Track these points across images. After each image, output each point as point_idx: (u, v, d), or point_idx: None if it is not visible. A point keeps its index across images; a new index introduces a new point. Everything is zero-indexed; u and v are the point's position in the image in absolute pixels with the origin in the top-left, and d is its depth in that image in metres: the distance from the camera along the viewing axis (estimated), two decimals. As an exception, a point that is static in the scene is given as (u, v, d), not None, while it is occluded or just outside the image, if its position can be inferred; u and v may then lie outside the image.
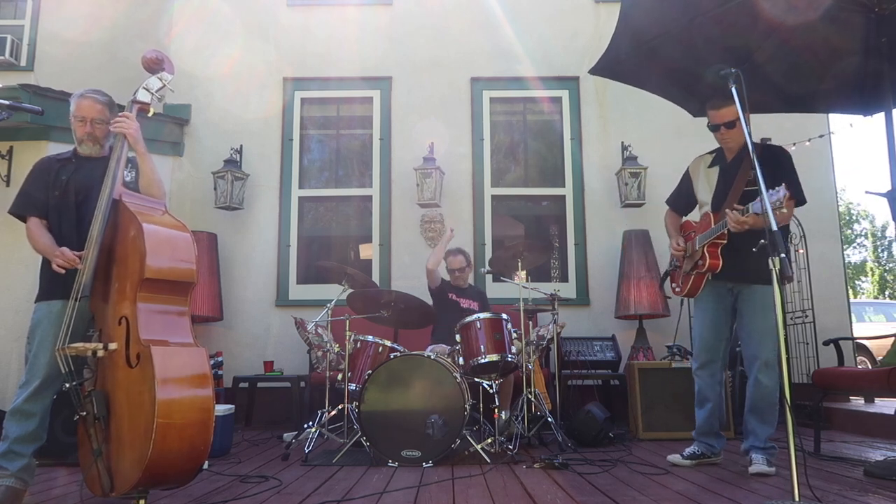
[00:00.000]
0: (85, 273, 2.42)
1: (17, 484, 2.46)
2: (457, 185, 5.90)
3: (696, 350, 3.34)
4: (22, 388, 2.52)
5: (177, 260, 2.40)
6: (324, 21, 6.24)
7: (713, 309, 3.26)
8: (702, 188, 3.34)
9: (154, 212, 2.51)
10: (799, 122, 5.76)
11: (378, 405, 3.46)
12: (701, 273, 3.20)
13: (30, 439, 2.51)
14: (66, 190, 2.67)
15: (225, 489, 2.79)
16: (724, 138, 3.25)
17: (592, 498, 2.54)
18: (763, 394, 3.06)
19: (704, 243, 3.15)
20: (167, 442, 2.10)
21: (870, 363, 8.31)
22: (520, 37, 6.14)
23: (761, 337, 3.08)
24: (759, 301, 3.10)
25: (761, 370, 3.05)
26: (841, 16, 3.25)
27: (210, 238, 5.52)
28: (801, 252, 5.41)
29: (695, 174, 3.42)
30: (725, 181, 3.22)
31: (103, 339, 2.39)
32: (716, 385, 3.28)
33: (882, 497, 2.48)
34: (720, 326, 3.26)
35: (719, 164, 3.31)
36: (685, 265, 3.32)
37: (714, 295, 3.25)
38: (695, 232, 3.30)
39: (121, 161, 2.57)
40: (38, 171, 2.74)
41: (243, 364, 5.54)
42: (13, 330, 4.66)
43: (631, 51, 3.38)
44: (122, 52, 6.72)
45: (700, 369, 3.30)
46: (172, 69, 2.78)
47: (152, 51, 2.76)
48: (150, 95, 2.73)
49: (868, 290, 24.64)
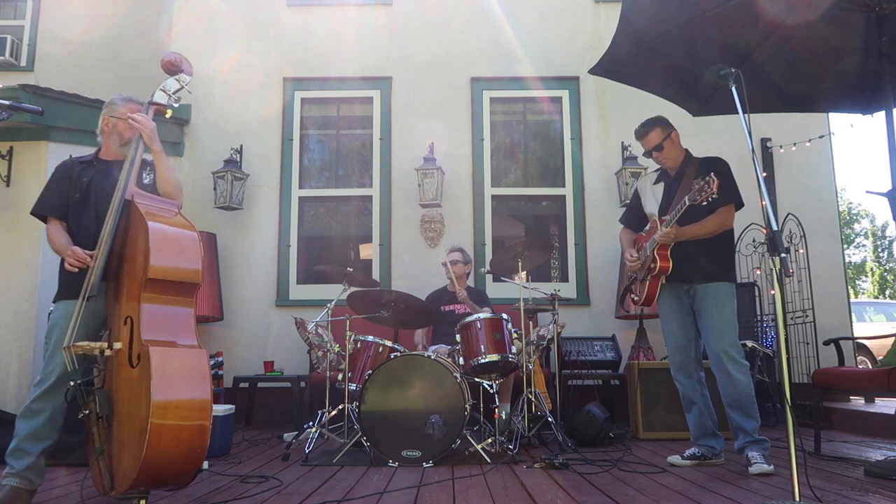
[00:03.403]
0: (94, 273, 2.45)
1: (21, 484, 2.45)
2: (457, 185, 5.90)
3: (670, 353, 3.42)
4: (36, 386, 2.55)
5: (181, 260, 2.40)
6: (324, 21, 6.24)
7: (676, 310, 3.36)
8: (649, 202, 3.48)
9: (165, 212, 2.51)
10: (799, 123, 5.77)
11: (378, 405, 3.46)
12: (655, 276, 3.31)
13: (38, 437, 2.50)
14: (87, 192, 2.71)
15: (225, 489, 2.79)
16: (658, 160, 3.46)
17: (592, 498, 2.54)
18: (739, 388, 3.11)
19: (653, 247, 3.26)
20: (162, 443, 2.09)
21: (870, 363, 8.31)
22: (520, 37, 6.14)
23: (720, 332, 3.16)
24: (712, 297, 3.21)
25: (729, 364, 3.12)
26: (841, 15, 3.24)
27: (210, 238, 5.51)
28: (801, 252, 5.41)
29: (642, 191, 3.58)
30: (670, 192, 3.38)
31: (112, 338, 2.40)
32: (696, 385, 3.34)
33: (882, 497, 2.48)
34: (686, 327, 3.35)
35: (663, 179, 3.48)
36: (640, 273, 3.44)
37: (674, 297, 3.36)
38: (646, 241, 3.41)
39: (135, 162, 2.60)
40: (60, 173, 2.79)
41: (243, 364, 5.54)
42: (13, 330, 4.65)
43: (631, 50, 3.39)
44: (122, 52, 6.73)
45: (678, 372, 3.38)
46: (191, 70, 2.82)
47: (171, 53, 2.79)
48: (167, 97, 2.76)
49: (868, 290, 24.64)
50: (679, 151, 3.41)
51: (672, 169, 3.43)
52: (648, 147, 3.41)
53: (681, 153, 3.42)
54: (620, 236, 3.72)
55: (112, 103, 2.80)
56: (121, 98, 2.81)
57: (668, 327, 3.41)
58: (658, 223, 3.28)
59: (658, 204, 3.41)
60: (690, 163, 3.38)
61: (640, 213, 3.58)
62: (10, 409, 4.33)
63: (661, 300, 3.39)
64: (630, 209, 3.71)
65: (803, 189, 5.85)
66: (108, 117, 2.79)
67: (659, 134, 3.37)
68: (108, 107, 2.80)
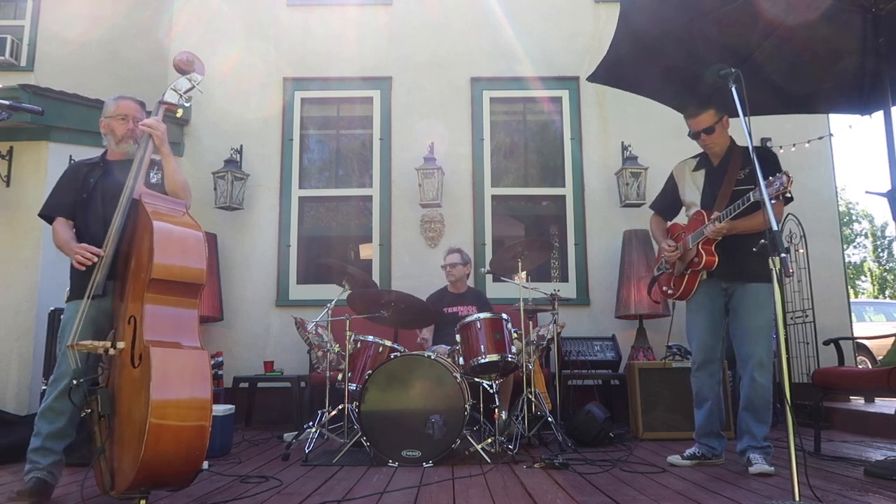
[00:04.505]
0: (99, 272, 2.48)
1: (47, 477, 2.54)
2: (457, 185, 5.90)
3: (695, 351, 3.31)
4: (51, 385, 2.59)
5: (185, 261, 2.39)
6: (324, 21, 6.24)
7: (708, 309, 3.24)
8: (689, 190, 3.35)
9: (172, 212, 2.51)
10: (799, 123, 5.77)
11: (378, 405, 3.46)
12: (696, 272, 3.20)
13: (60, 436, 2.59)
14: (94, 193, 2.75)
15: (225, 489, 2.79)
16: (705, 144, 3.28)
17: (592, 498, 2.54)
18: (759, 393, 3.04)
19: (698, 241, 3.14)
20: (161, 443, 2.09)
21: (870, 363, 8.31)
22: (520, 37, 6.14)
23: (756, 336, 3.07)
24: (753, 300, 3.09)
25: (756, 369, 3.04)
26: (841, 15, 3.24)
27: (210, 238, 5.52)
28: (802, 252, 5.42)
29: (680, 178, 3.42)
30: (712, 183, 3.24)
31: (116, 337, 2.41)
32: (714, 385, 3.26)
33: (882, 497, 2.48)
34: (716, 326, 3.24)
35: (705, 167, 3.32)
36: (677, 267, 3.31)
37: (708, 295, 3.24)
38: (685, 232, 3.28)
39: (143, 162, 2.62)
40: (67, 175, 2.85)
41: (243, 364, 5.54)
42: (13, 330, 4.65)
43: (631, 51, 3.38)
44: (122, 52, 6.73)
45: (699, 370, 3.28)
46: (203, 70, 2.83)
47: (184, 52, 2.80)
48: (178, 96, 2.78)
49: (868, 291, 24.64)
50: (727, 138, 3.25)
51: (716, 156, 3.27)
52: (698, 128, 3.22)
53: (727, 140, 3.25)
54: (651, 224, 3.57)
55: (105, 105, 2.87)
56: (113, 98, 2.87)
57: (696, 325, 3.28)
58: (706, 215, 3.14)
59: (700, 192, 3.26)
60: (735, 151, 3.23)
61: (675, 201, 3.45)
62: (9, 409, 4.33)
63: (694, 297, 3.26)
64: (664, 196, 3.53)
65: (803, 189, 5.83)
66: (103, 119, 2.86)
67: (712, 116, 3.18)
68: (103, 109, 2.88)
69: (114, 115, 2.82)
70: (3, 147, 4.84)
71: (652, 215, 3.59)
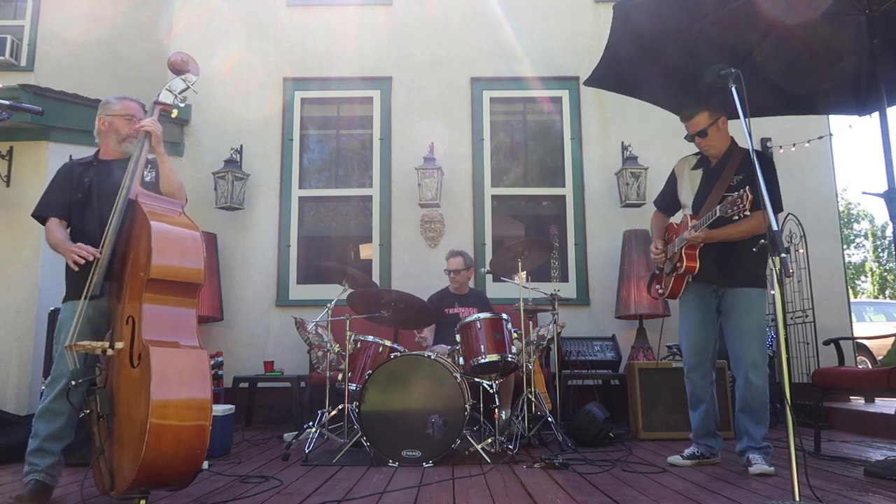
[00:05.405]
0: (97, 273, 2.47)
1: (46, 479, 2.54)
2: (457, 185, 5.90)
3: (686, 353, 3.32)
4: (49, 386, 2.58)
5: (183, 260, 2.39)
6: (324, 21, 6.24)
7: (699, 310, 3.25)
8: (684, 190, 3.35)
9: (169, 212, 2.51)
10: (799, 123, 5.76)
11: (378, 405, 3.46)
12: (680, 275, 3.21)
13: (59, 437, 2.58)
14: (89, 192, 2.74)
15: (225, 489, 2.79)
16: (700, 146, 3.28)
17: (592, 498, 2.54)
18: (755, 394, 3.05)
19: (682, 246, 3.16)
20: (161, 443, 2.09)
21: (870, 363, 8.31)
22: (520, 37, 6.14)
23: (748, 337, 3.07)
24: (744, 302, 3.10)
25: (751, 370, 3.04)
26: (837, 17, 3.24)
27: (210, 238, 5.52)
28: (801, 252, 5.42)
29: (679, 175, 3.43)
30: (706, 185, 3.24)
31: (114, 338, 2.40)
32: (707, 386, 3.28)
33: (882, 497, 2.48)
34: (707, 327, 3.25)
35: (703, 166, 3.32)
36: (666, 267, 3.35)
37: (699, 297, 3.25)
38: (676, 234, 3.31)
39: (139, 162, 2.62)
40: (61, 175, 2.83)
41: (243, 364, 5.54)
42: (13, 330, 4.65)
43: (629, 52, 3.36)
44: (122, 52, 6.74)
45: (692, 372, 3.30)
46: (198, 70, 2.84)
47: (178, 53, 2.81)
48: (173, 97, 2.78)
49: (868, 291, 24.63)
50: (724, 140, 3.22)
51: (714, 157, 3.26)
52: (692, 131, 3.22)
53: (725, 142, 3.23)
54: (652, 220, 3.57)
55: (107, 102, 2.85)
56: (115, 97, 2.85)
57: (687, 326, 3.29)
58: (689, 221, 3.16)
59: (693, 194, 3.26)
60: (733, 155, 3.21)
61: (674, 198, 3.45)
62: (9, 409, 4.33)
63: (685, 298, 3.28)
64: (665, 193, 3.54)
65: (803, 189, 5.84)
66: (104, 116, 2.82)
67: (706, 118, 3.16)
68: (104, 106, 2.85)
69: (120, 115, 2.80)
70: (3, 147, 4.84)
71: (654, 211, 3.60)
